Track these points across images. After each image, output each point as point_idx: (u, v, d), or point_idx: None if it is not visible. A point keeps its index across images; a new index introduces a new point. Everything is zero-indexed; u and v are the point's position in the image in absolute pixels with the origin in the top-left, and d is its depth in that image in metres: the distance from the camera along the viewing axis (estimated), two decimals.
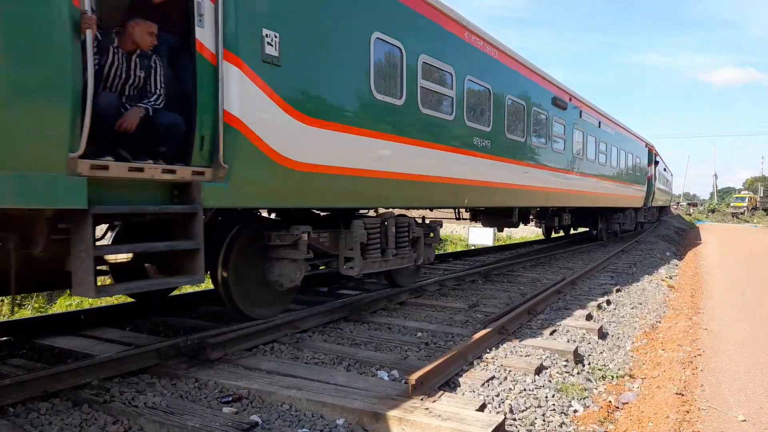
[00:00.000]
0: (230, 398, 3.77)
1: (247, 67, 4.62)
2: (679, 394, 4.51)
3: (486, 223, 13.10)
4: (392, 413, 3.37)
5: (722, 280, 12.08)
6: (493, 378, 4.41)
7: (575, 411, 4.08)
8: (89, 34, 3.47)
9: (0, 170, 3.11)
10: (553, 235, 20.92)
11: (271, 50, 4.81)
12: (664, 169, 32.51)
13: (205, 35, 4.26)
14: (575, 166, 13.21)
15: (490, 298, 7.84)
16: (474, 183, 8.49)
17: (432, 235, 7.92)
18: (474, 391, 4.12)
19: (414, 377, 3.81)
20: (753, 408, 4.38)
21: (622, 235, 20.77)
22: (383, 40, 6.26)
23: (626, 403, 4.42)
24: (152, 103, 4.20)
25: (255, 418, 3.47)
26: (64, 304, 9.54)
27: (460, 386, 4.22)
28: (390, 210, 7.08)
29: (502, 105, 9.26)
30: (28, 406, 3.58)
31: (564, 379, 4.63)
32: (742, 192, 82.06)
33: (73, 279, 3.69)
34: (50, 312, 8.79)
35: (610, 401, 4.38)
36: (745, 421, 4.11)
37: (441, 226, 8.29)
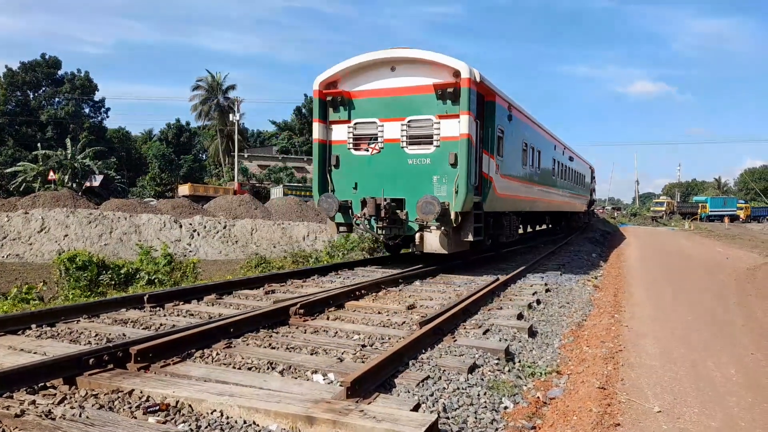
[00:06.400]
0: (156, 407, 3.61)
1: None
2: (602, 388, 4.75)
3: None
4: (326, 416, 3.34)
5: (642, 279, 12.84)
6: (427, 378, 4.47)
7: (506, 408, 4.20)
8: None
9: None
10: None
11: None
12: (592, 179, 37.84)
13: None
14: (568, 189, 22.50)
15: (428, 300, 7.96)
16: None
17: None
18: (409, 392, 4.16)
19: (349, 379, 3.80)
20: (667, 399, 4.67)
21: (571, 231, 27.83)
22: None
23: (553, 398, 4.60)
24: None
25: (183, 427, 3.34)
26: None
27: (395, 387, 4.26)
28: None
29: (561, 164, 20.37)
30: None
31: (496, 377, 4.76)
32: (661, 197, 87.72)
33: None
34: None
35: (538, 397, 4.54)
36: (660, 412, 4.38)
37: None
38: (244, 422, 3.47)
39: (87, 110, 68.98)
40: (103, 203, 32.96)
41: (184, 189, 49.23)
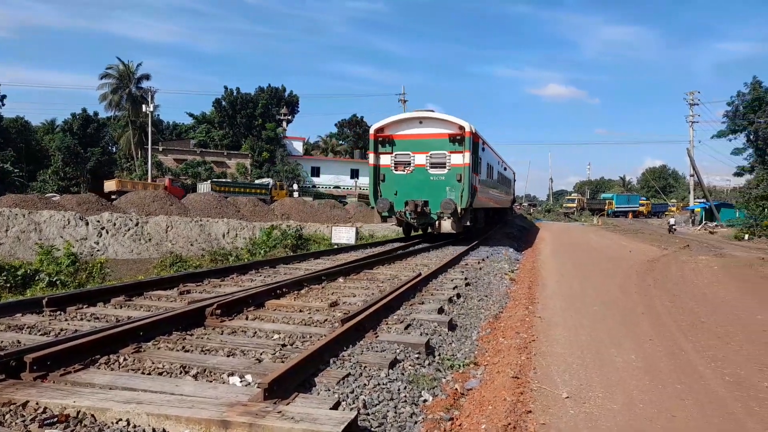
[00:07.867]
0: (54, 419, 3.33)
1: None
2: (515, 377, 4.94)
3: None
4: (242, 419, 3.23)
5: (554, 272, 13.56)
6: (348, 375, 4.45)
7: (425, 401, 4.27)
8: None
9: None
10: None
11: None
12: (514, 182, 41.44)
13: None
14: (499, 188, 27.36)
15: (350, 296, 7.94)
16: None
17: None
18: (329, 390, 4.12)
19: (267, 380, 3.70)
20: (575, 386, 4.95)
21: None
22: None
23: (471, 389, 4.73)
24: None
25: None
26: None
27: (315, 386, 4.20)
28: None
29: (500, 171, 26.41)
30: None
31: (416, 371, 4.82)
32: (573, 194, 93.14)
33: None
34: None
35: (456, 389, 4.65)
36: (568, 397, 4.63)
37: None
38: (153, 430, 3.28)
39: None
40: None
41: (110, 185, 45.34)
